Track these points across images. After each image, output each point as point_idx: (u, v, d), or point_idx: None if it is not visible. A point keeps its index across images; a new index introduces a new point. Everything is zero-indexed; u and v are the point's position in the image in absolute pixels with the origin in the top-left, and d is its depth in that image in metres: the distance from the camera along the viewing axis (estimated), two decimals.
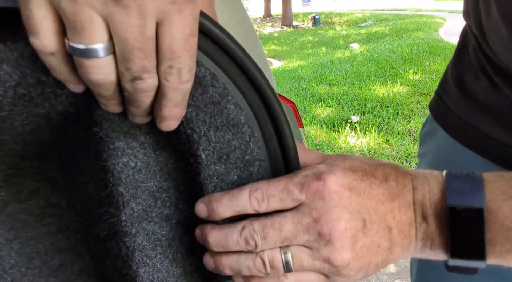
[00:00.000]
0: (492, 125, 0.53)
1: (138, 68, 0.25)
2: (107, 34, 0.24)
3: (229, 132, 0.33)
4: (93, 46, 0.24)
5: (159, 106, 0.29)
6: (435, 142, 0.65)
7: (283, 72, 6.70)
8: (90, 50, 0.24)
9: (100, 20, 0.23)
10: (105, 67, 0.25)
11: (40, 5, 0.23)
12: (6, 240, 0.35)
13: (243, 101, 0.33)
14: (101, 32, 0.24)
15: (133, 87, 0.26)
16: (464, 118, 0.57)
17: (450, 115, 0.60)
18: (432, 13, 15.78)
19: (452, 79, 0.61)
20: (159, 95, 0.28)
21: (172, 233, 0.36)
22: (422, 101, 4.06)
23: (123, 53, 0.24)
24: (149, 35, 0.24)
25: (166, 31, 0.25)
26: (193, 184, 0.35)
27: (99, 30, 0.23)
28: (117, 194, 0.33)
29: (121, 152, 0.33)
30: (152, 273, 0.35)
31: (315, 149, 3.22)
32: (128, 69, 0.25)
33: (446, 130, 0.61)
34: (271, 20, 21.77)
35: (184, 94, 0.29)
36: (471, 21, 0.54)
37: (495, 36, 0.46)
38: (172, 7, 0.24)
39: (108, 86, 0.27)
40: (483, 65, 0.53)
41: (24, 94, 0.29)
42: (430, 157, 0.67)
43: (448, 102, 0.61)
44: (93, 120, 0.32)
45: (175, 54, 0.25)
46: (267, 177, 0.35)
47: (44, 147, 0.33)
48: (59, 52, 0.25)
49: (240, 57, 0.32)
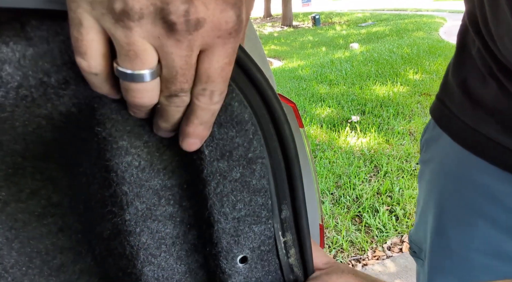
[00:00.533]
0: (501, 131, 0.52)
1: (177, 89, 0.27)
2: (156, 60, 0.25)
3: (233, 129, 0.33)
4: (141, 71, 0.25)
5: (186, 122, 0.30)
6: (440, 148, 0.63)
7: (283, 72, 6.70)
8: (139, 75, 0.25)
9: (151, 48, 0.25)
10: (150, 91, 0.27)
11: (91, 29, 0.24)
12: (7, 239, 0.35)
13: (243, 101, 0.33)
14: (152, 60, 0.25)
15: (168, 101, 0.28)
16: (470, 124, 0.55)
17: (454, 121, 0.58)
18: (432, 13, 15.76)
19: (455, 83, 0.59)
20: (188, 111, 0.29)
21: (176, 231, 0.37)
22: (422, 101, 4.06)
23: (167, 77, 0.26)
24: (193, 63, 0.26)
25: (206, 59, 0.26)
26: (196, 181, 0.35)
27: (150, 58, 0.25)
28: (121, 193, 0.33)
29: (124, 151, 0.33)
30: (157, 271, 0.35)
31: (315, 148, 3.22)
32: (167, 88, 0.27)
33: (451, 136, 0.59)
34: (271, 20, 21.76)
35: (212, 114, 0.30)
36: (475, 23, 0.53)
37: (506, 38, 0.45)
38: (217, 41, 0.25)
39: (149, 107, 0.29)
40: (491, 68, 0.52)
41: (26, 95, 0.29)
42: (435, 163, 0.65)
43: (452, 107, 0.59)
44: (96, 120, 0.32)
45: (211, 79, 0.27)
46: (269, 175, 0.35)
47: (46, 146, 0.33)
48: (104, 74, 0.27)
49: (241, 57, 0.32)
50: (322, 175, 2.81)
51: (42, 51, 0.28)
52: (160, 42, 0.24)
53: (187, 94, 0.28)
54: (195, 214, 0.36)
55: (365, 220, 2.33)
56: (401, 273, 1.95)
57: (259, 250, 0.39)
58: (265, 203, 0.37)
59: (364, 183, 2.71)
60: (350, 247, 2.16)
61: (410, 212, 2.38)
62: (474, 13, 0.53)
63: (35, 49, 0.28)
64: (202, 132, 0.31)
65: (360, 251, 2.14)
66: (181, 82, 0.26)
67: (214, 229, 0.36)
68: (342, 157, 3.06)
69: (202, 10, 0.23)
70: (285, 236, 0.39)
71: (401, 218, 2.34)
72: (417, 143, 3.19)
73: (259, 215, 0.37)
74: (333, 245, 2.17)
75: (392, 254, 2.10)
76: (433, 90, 4.35)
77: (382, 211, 2.38)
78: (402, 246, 2.15)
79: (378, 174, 2.82)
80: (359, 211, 2.43)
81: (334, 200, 2.57)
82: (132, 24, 0.23)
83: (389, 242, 2.19)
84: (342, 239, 2.19)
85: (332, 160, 3.02)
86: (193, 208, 0.36)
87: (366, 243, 2.18)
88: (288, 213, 0.39)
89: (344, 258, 2.09)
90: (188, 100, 0.28)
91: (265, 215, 0.37)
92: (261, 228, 0.38)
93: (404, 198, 2.49)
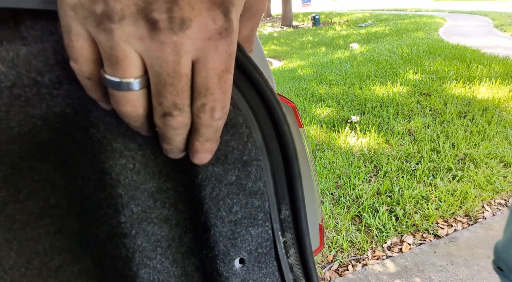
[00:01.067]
0: None
1: (169, 104, 0.25)
2: (141, 69, 0.25)
3: (227, 133, 0.33)
4: (124, 80, 0.24)
5: (192, 139, 0.29)
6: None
7: (283, 72, 6.70)
8: (122, 83, 0.25)
9: (135, 55, 0.24)
10: (134, 100, 0.26)
11: (80, 36, 0.24)
12: (6, 240, 0.35)
13: (242, 101, 0.33)
14: (134, 67, 0.24)
15: (163, 123, 0.27)
16: None
17: None
18: (432, 13, 15.77)
19: None
20: (192, 129, 0.28)
21: (172, 234, 0.36)
22: (422, 101, 4.06)
23: (156, 87, 0.25)
24: (182, 72, 0.24)
25: (201, 68, 0.25)
26: (192, 185, 0.35)
27: (133, 65, 0.24)
28: (116, 196, 0.33)
29: (119, 154, 0.32)
30: (152, 274, 0.35)
31: (315, 148, 3.22)
32: (160, 104, 0.26)
33: None
34: (271, 20, 21.76)
35: (215, 130, 0.29)
36: None
37: None
38: (208, 44, 0.24)
39: (135, 119, 0.27)
40: None
41: (20, 94, 0.29)
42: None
43: None
44: (90, 122, 0.31)
45: (209, 91, 0.26)
46: (266, 177, 0.35)
47: (42, 147, 0.33)
48: (95, 77, 0.26)
49: (240, 58, 0.32)
50: (322, 175, 2.81)
51: (36, 50, 0.28)
52: (144, 46, 0.23)
53: (182, 113, 0.26)
54: (191, 217, 0.35)
55: (365, 220, 2.33)
56: (401, 273, 1.95)
57: (257, 253, 0.39)
58: (261, 205, 0.37)
59: (364, 183, 2.71)
60: (350, 247, 2.16)
61: (410, 212, 2.38)
62: None
63: (29, 48, 0.28)
64: (210, 148, 0.30)
65: (360, 251, 2.13)
66: (171, 94, 0.25)
67: (211, 233, 0.36)
68: (342, 157, 3.06)
69: (187, 10, 0.22)
70: (284, 236, 0.39)
71: (401, 218, 2.34)
72: (417, 143, 3.19)
73: (256, 217, 0.37)
74: (333, 245, 2.17)
75: (392, 254, 2.10)
76: (432, 90, 4.35)
77: (382, 211, 2.38)
78: (402, 246, 2.15)
79: (378, 174, 2.82)
80: (359, 211, 2.43)
81: (334, 200, 2.57)
82: (113, 26, 0.22)
83: (389, 242, 2.18)
84: (342, 239, 2.19)
85: (332, 160, 3.02)
86: (189, 211, 0.36)
87: (366, 243, 2.17)
88: (288, 213, 0.38)
89: (344, 258, 2.09)
90: (185, 121, 0.27)
91: (262, 217, 0.37)
92: (258, 230, 0.38)
93: (404, 198, 2.49)
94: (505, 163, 2.83)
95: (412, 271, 1.95)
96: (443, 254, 2.06)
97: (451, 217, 2.36)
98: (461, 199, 2.47)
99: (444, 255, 2.05)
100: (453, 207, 2.40)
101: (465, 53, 6.17)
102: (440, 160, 2.90)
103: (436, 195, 2.52)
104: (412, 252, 2.10)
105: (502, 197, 2.51)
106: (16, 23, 0.27)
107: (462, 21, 12.44)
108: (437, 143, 3.16)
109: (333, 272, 2.00)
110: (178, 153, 0.31)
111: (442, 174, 2.74)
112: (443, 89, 4.36)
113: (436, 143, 3.16)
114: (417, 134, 3.35)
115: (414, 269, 1.97)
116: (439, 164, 2.86)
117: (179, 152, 0.31)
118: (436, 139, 3.22)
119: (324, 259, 2.10)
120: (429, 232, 2.25)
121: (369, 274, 1.96)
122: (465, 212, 2.39)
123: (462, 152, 2.99)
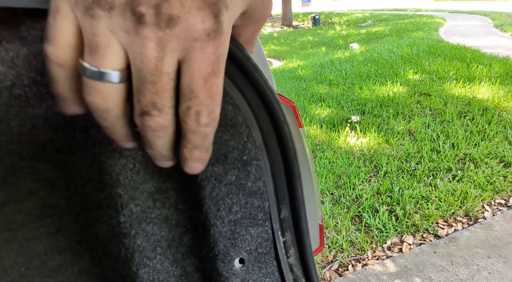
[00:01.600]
0: None
1: (148, 102, 0.24)
2: (123, 63, 0.24)
3: (227, 133, 0.33)
4: (102, 69, 0.23)
5: (180, 146, 0.28)
6: None
7: (283, 72, 6.70)
8: (98, 73, 0.24)
9: (118, 47, 0.23)
10: (105, 93, 0.24)
11: (66, 18, 0.23)
12: (5, 240, 0.35)
13: (242, 101, 0.33)
14: (115, 59, 0.23)
15: (141, 122, 0.26)
16: None
17: None
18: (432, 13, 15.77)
19: None
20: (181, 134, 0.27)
21: (171, 234, 0.36)
22: (422, 101, 4.06)
23: (136, 84, 0.24)
24: (163, 70, 0.23)
25: (186, 69, 0.24)
26: (191, 185, 0.34)
27: (113, 56, 0.23)
28: (116, 196, 0.33)
29: (119, 154, 0.32)
30: (152, 274, 0.35)
31: (315, 148, 3.22)
32: (138, 101, 0.25)
33: None
34: (271, 20, 21.75)
35: (203, 137, 0.27)
36: None
37: None
38: (194, 45, 0.23)
39: (103, 115, 0.26)
40: None
41: (20, 94, 0.29)
42: None
43: None
44: (90, 122, 0.31)
45: (193, 94, 0.24)
46: (266, 176, 0.35)
47: (42, 147, 0.33)
48: (68, 66, 0.25)
49: (240, 58, 0.32)
50: (322, 175, 2.81)
51: (36, 50, 0.28)
52: (129, 39, 0.23)
53: (161, 114, 0.25)
54: (190, 217, 0.35)
55: (365, 220, 2.33)
56: (401, 273, 1.95)
57: (256, 252, 0.39)
58: (261, 205, 0.37)
59: (364, 183, 2.71)
60: (350, 247, 2.16)
61: (410, 212, 2.38)
62: None
63: (29, 48, 0.28)
64: (199, 156, 0.28)
65: (360, 251, 2.13)
66: (150, 91, 0.24)
67: (211, 233, 0.36)
68: (342, 157, 3.06)
69: (177, 7, 0.22)
70: (284, 236, 0.39)
71: (401, 218, 2.34)
72: (417, 143, 3.19)
73: (256, 217, 0.37)
74: (333, 245, 2.17)
75: (392, 254, 2.10)
76: (432, 90, 4.35)
77: (382, 211, 2.38)
78: (402, 246, 2.15)
79: (378, 174, 2.82)
80: (359, 211, 2.43)
81: (334, 200, 2.57)
82: (102, 13, 0.22)
83: (389, 242, 2.18)
84: (342, 239, 2.19)
85: (332, 160, 3.02)
86: (188, 211, 0.36)
87: (366, 243, 2.17)
88: (287, 213, 0.38)
89: (344, 258, 2.09)
90: (165, 123, 0.26)
91: (261, 217, 0.37)
92: (258, 230, 0.38)
93: (404, 198, 2.49)
94: (505, 163, 2.83)
95: (412, 271, 1.95)
96: (443, 254, 2.06)
97: (451, 217, 2.36)
98: (461, 199, 2.47)
99: (444, 255, 2.05)
100: (453, 207, 2.40)
101: (465, 53, 6.17)
102: (440, 160, 2.90)
103: (436, 195, 2.52)
104: (412, 252, 2.10)
105: (502, 197, 2.51)
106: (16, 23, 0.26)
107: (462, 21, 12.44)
108: (437, 142, 3.16)
109: (333, 272, 2.00)
110: (163, 160, 0.29)
111: (442, 174, 2.74)
112: (443, 89, 4.36)
113: (436, 142, 3.16)
114: (417, 134, 3.35)
115: (414, 269, 1.97)
116: (439, 164, 2.86)
117: (164, 159, 0.29)
118: (436, 139, 3.22)
119: (324, 259, 2.10)
120: (429, 232, 2.25)
121: (369, 274, 1.96)
122: (465, 212, 2.39)
123: (462, 151, 2.99)
